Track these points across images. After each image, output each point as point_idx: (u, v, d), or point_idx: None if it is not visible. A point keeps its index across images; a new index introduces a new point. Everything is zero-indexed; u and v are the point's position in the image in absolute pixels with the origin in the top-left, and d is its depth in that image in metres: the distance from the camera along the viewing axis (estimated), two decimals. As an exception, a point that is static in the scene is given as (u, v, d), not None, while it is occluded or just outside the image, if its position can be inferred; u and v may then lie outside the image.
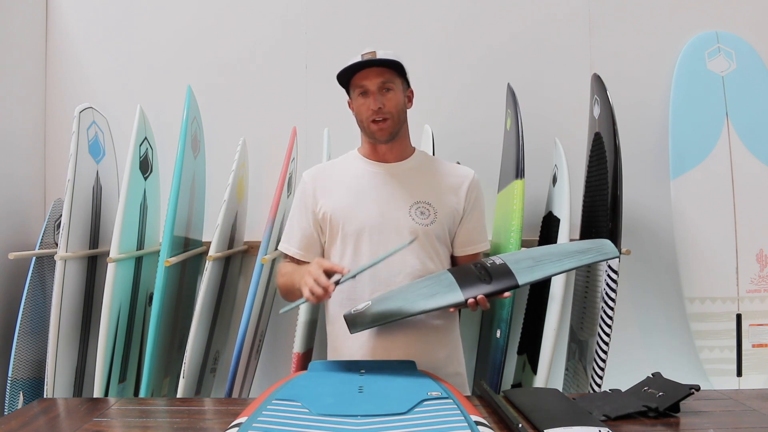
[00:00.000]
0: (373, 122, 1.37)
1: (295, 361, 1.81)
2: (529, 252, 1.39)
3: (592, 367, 1.75)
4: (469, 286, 1.27)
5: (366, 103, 1.37)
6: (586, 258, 1.33)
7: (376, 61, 1.35)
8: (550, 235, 1.99)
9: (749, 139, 2.14)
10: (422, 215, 1.38)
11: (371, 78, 1.36)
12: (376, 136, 1.39)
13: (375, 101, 1.36)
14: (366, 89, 1.37)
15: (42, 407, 1.24)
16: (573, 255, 1.33)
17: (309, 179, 1.46)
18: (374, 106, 1.36)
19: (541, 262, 1.32)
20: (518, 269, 1.29)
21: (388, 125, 1.38)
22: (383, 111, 1.36)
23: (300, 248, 1.44)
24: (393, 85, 1.38)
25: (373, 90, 1.36)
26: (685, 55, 2.21)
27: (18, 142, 2.15)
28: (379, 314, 1.28)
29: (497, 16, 2.28)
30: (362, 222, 1.38)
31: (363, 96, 1.38)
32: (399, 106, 1.39)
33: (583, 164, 2.11)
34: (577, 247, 1.37)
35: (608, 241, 1.37)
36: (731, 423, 1.12)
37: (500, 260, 1.34)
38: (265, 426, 0.94)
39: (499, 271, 1.30)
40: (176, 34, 2.29)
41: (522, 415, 1.11)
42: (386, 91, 1.37)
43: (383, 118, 1.37)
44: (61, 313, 1.82)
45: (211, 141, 2.20)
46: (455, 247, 1.46)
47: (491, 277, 1.28)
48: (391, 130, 1.39)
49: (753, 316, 2.10)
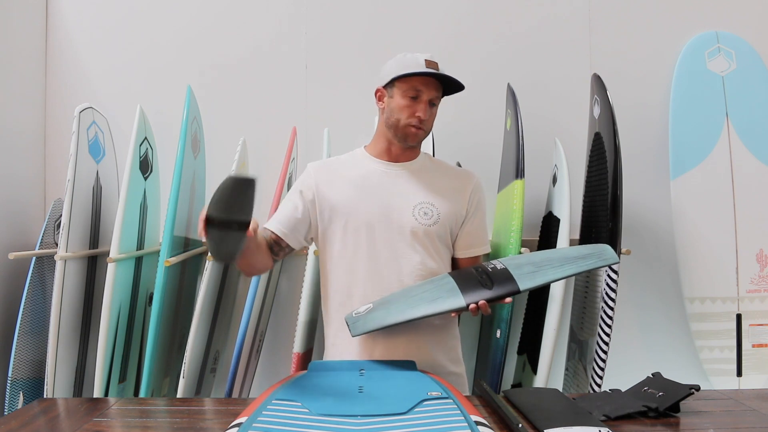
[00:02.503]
0: (412, 126, 1.38)
1: (295, 361, 1.81)
2: (530, 257, 1.39)
3: (592, 367, 1.75)
4: (470, 290, 1.28)
5: (413, 107, 1.38)
6: (586, 264, 1.33)
7: (446, 77, 1.37)
8: (550, 235, 1.99)
9: (749, 139, 2.14)
10: (425, 215, 1.39)
11: (430, 88, 1.37)
12: (407, 139, 1.40)
13: (425, 110, 1.37)
14: (420, 95, 1.37)
15: (42, 407, 1.24)
16: (573, 261, 1.34)
17: (313, 171, 1.46)
18: (424, 115, 1.37)
19: (541, 267, 1.32)
20: (519, 275, 1.30)
21: (421, 135, 1.41)
22: (423, 121, 1.38)
23: (281, 224, 1.41)
24: (438, 102, 1.41)
25: (426, 99, 1.37)
26: (685, 55, 2.21)
27: (18, 142, 2.15)
28: (381, 318, 1.28)
29: (497, 16, 2.28)
30: (365, 217, 1.38)
31: (414, 100, 1.38)
32: (433, 122, 1.43)
33: (583, 164, 2.11)
34: (577, 252, 1.38)
35: (608, 247, 1.37)
36: (731, 423, 1.12)
37: (501, 265, 1.34)
38: (265, 426, 0.94)
39: (500, 276, 1.30)
40: (176, 35, 2.29)
41: (522, 415, 1.11)
42: (432, 106, 1.39)
43: (421, 128, 1.39)
44: (61, 313, 1.82)
45: (211, 141, 2.20)
46: (456, 249, 1.46)
47: (492, 282, 1.28)
48: (421, 139, 1.42)
49: (753, 316, 2.10)
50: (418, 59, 1.37)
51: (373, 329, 1.28)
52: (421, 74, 1.36)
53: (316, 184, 1.43)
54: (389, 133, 1.42)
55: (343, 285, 1.40)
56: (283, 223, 1.42)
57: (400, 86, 1.38)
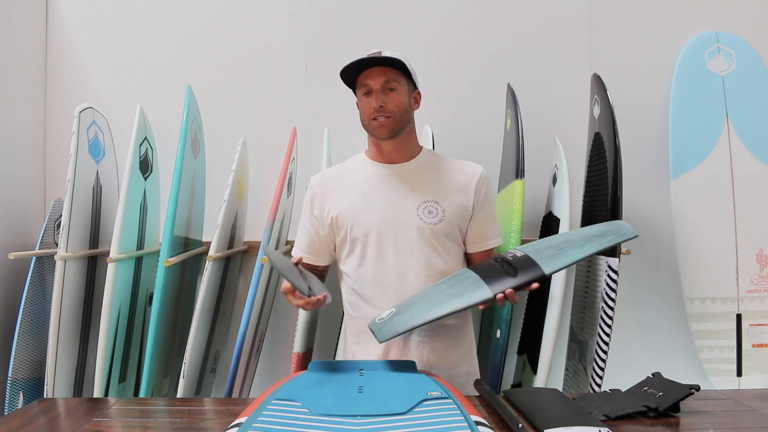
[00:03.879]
0: (374, 119, 1.37)
1: (295, 361, 1.81)
2: (548, 241, 1.37)
3: (592, 367, 1.75)
4: (495, 281, 1.25)
5: (369, 102, 1.37)
6: (606, 241, 1.30)
7: (379, 59, 1.35)
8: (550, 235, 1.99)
9: (749, 139, 2.14)
10: (430, 214, 1.38)
11: (374, 77, 1.36)
12: (376, 132, 1.39)
13: (377, 99, 1.36)
14: (370, 88, 1.37)
15: (42, 407, 1.24)
16: (593, 239, 1.30)
17: (316, 184, 1.47)
18: (375, 104, 1.36)
19: (562, 249, 1.29)
20: (542, 258, 1.26)
21: (389, 123, 1.37)
22: (385, 110, 1.36)
23: (306, 251, 1.47)
24: (396, 85, 1.37)
25: (376, 89, 1.36)
26: (685, 55, 2.21)
27: (18, 142, 2.15)
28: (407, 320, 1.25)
29: (497, 16, 2.28)
30: (369, 224, 1.38)
31: (367, 95, 1.38)
32: (402, 106, 1.38)
33: (583, 164, 2.11)
34: (596, 231, 1.35)
35: (624, 222, 1.35)
36: (731, 423, 1.12)
37: (521, 252, 1.31)
38: (265, 426, 0.94)
39: (522, 262, 1.27)
40: (176, 35, 2.29)
41: (522, 415, 1.11)
42: (389, 91, 1.37)
43: (385, 116, 1.37)
44: (61, 313, 1.82)
45: (211, 141, 2.20)
46: (468, 244, 1.45)
47: (516, 270, 1.25)
48: (392, 128, 1.38)
49: (753, 316, 2.10)
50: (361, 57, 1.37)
51: (401, 332, 1.25)
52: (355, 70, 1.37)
53: (322, 199, 1.44)
54: (370, 137, 1.44)
55: (355, 289, 1.42)
56: (305, 249, 1.47)
57: (357, 89, 1.41)
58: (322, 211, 1.44)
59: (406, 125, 1.41)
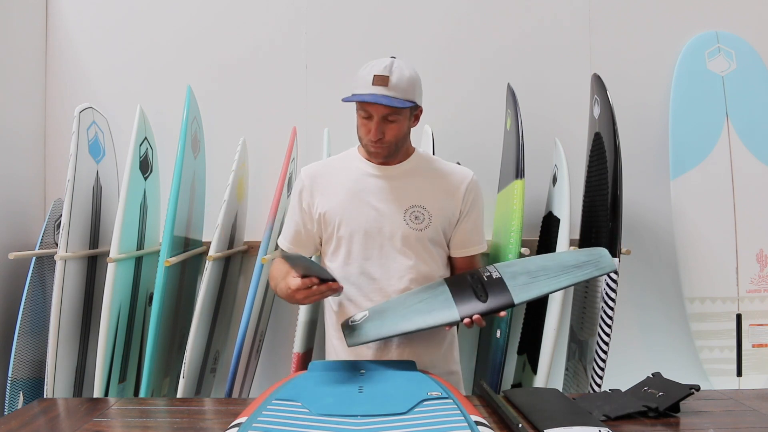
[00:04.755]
0: (372, 143, 1.35)
1: (295, 361, 1.81)
2: (526, 264, 1.38)
3: (592, 367, 1.75)
4: (464, 302, 1.29)
5: (367, 126, 1.34)
6: (582, 274, 1.32)
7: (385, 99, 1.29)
8: (550, 235, 1.99)
9: (749, 139, 2.14)
10: (417, 219, 1.38)
11: (378, 108, 1.31)
12: (371, 155, 1.39)
13: (376, 131, 1.32)
14: (370, 115, 1.33)
15: (42, 407, 1.24)
16: (569, 270, 1.32)
17: (306, 176, 1.45)
18: (374, 136, 1.33)
19: (537, 278, 1.32)
20: (514, 286, 1.29)
21: (384, 150, 1.36)
22: (382, 141, 1.34)
23: (292, 243, 1.46)
24: (398, 117, 1.33)
25: (377, 120, 1.32)
26: (685, 55, 2.21)
27: (18, 142, 2.15)
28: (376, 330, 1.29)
29: (497, 17, 2.27)
30: (356, 225, 1.38)
31: (366, 119, 1.34)
32: (400, 135, 1.35)
33: (583, 164, 2.11)
34: (574, 260, 1.36)
35: (605, 252, 1.35)
36: (731, 423, 1.13)
37: (497, 273, 1.34)
38: (265, 426, 0.94)
39: (495, 287, 1.30)
40: (176, 35, 2.29)
41: (522, 415, 1.11)
42: (389, 122, 1.33)
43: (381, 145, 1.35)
44: (61, 313, 1.82)
45: (211, 141, 2.20)
46: (451, 248, 1.46)
47: (487, 295, 1.29)
48: (386, 154, 1.37)
49: (753, 316, 2.10)
50: (367, 77, 1.31)
51: (368, 341, 1.30)
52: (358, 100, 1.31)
53: (311, 192, 1.43)
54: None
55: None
56: (291, 241, 1.47)
57: (357, 107, 1.36)
58: (310, 205, 1.43)
59: (402, 147, 1.40)
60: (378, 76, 1.30)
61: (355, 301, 1.39)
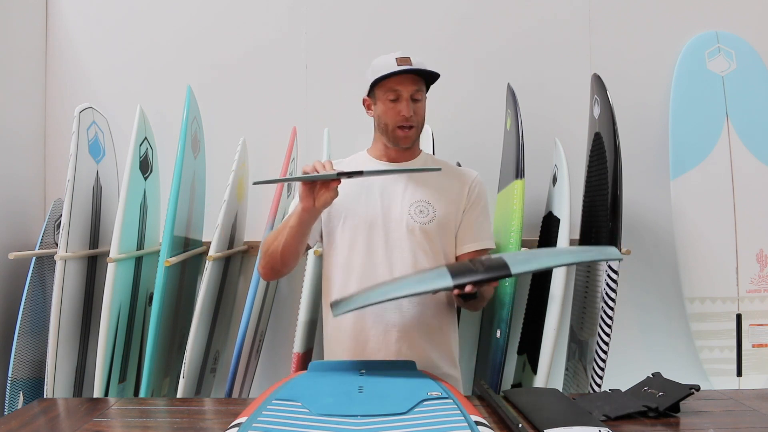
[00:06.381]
0: (400, 128, 1.38)
1: (295, 361, 1.81)
2: (531, 251, 1.39)
3: (592, 367, 1.75)
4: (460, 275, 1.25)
5: (396, 108, 1.37)
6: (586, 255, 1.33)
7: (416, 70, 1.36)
8: (550, 235, 1.99)
9: (749, 139, 2.14)
10: (421, 213, 1.39)
11: (406, 85, 1.36)
12: (400, 142, 1.41)
13: (408, 108, 1.36)
14: (399, 95, 1.37)
15: (42, 407, 1.24)
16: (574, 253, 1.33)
17: None
18: (407, 113, 1.36)
19: (538, 256, 1.32)
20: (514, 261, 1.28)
21: (413, 133, 1.41)
22: (412, 119, 1.38)
23: None
24: (422, 95, 1.40)
25: (407, 97, 1.37)
26: (685, 55, 2.21)
27: (18, 142, 2.15)
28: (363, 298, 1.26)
29: (497, 16, 2.28)
30: (364, 216, 1.39)
31: (394, 101, 1.38)
32: (424, 117, 1.42)
33: (583, 164, 2.11)
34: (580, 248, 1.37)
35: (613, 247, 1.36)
36: (731, 423, 1.13)
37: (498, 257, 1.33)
38: (265, 426, 0.94)
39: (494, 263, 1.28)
40: (176, 35, 2.29)
41: (522, 415, 1.11)
42: (416, 101, 1.38)
43: (410, 126, 1.38)
44: (61, 313, 1.82)
45: (211, 141, 2.20)
46: (458, 245, 1.46)
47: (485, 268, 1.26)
48: (415, 138, 1.42)
49: (753, 316, 2.10)
50: (389, 60, 1.36)
51: (355, 308, 1.26)
52: (392, 75, 1.35)
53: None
54: (383, 139, 1.43)
55: (340, 283, 1.41)
56: None
57: (379, 91, 1.39)
58: None
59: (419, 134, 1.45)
60: (400, 58, 1.36)
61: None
